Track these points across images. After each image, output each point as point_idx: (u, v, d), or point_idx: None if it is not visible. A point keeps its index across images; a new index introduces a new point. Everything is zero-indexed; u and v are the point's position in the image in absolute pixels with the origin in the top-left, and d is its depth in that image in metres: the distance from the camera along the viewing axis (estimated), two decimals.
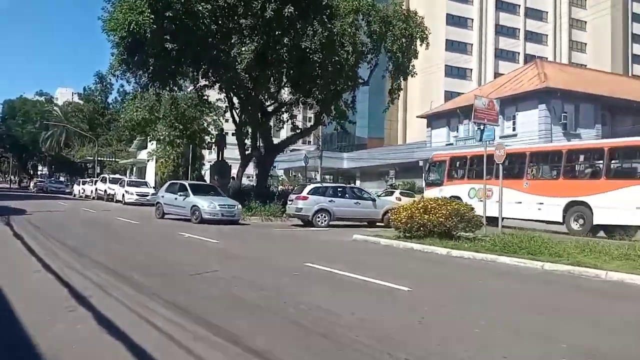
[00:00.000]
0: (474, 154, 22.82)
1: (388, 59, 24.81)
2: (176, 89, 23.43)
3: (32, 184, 57.90)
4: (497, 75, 65.79)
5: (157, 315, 5.49)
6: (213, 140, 36.66)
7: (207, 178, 35.89)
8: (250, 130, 25.11)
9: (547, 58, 70.96)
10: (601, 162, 16.83)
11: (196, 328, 5.03)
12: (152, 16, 17.97)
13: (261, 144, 25.02)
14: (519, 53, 71.43)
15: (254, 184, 25.52)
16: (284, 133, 62.60)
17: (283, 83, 24.66)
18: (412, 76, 25.95)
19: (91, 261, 8.94)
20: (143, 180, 33.66)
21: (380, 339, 4.79)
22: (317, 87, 22.41)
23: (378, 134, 76.99)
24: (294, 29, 19.08)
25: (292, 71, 22.02)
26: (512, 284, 8.25)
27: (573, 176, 17.92)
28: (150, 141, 35.57)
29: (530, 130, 36.67)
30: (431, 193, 20.71)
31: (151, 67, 20.09)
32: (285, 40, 18.92)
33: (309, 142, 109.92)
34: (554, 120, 36.95)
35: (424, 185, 25.95)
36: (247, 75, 22.29)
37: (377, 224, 18.85)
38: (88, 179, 43.00)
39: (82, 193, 40.47)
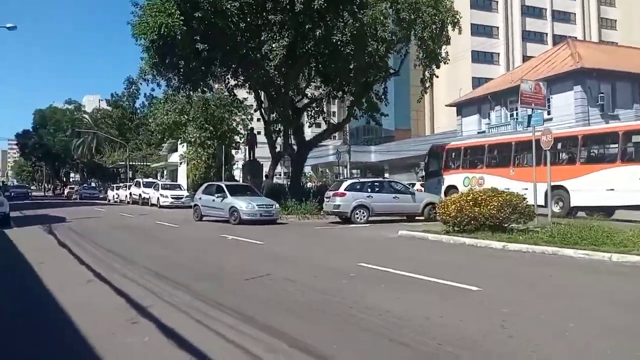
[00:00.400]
0: (467, 145, 24.55)
1: (418, 47, 24.22)
2: (206, 90, 23.36)
3: (66, 191, 59.03)
4: (525, 58, 64.25)
5: (222, 324, 5.28)
6: (242, 140, 36.72)
7: (239, 178, 35.92)
8: (282, 127, 24.86)
9: (576, 37, 68.84)
10: (575, 148, 18.55)
11: (266, 337, 4.81)
12: (182, 17, 17.84)
13: (293, 141, 24.77)
14: (546, 34, 69.60)
15: (288, 182, 25.28)
16: (309, 130, 62.14)
17: (312, 77, 24.32)
18: (445, 63, 25.33)
19: (141, 268, 8.83)
20: (176, 183, 33.80)
21: (465, 346, 4.45)
22: (349, 80, 22.02)
23: (405, 125, 76.18)
24: (324, 22, 18.72)
25: (321, 65, 21.68)
26: (584, 277, 7.78)
27: (552, 163, 18.23)
28: (180, 144, 35.75)
29: (566, 113, 35.42)
30: (430, 183, 23.91)
31: (182, 69, 19.98)
32: (316, 34, 18.54)
33: (334, 137, 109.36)
34: (591, 101, 35.72)
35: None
36: (276, 72, 22.13)
37: (417, 217, 18.42)
38: (122, 184, 43.54)
39: (117, 198, 40.99)
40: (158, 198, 31.04)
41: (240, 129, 36.59)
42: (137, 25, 19.25)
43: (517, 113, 41.85)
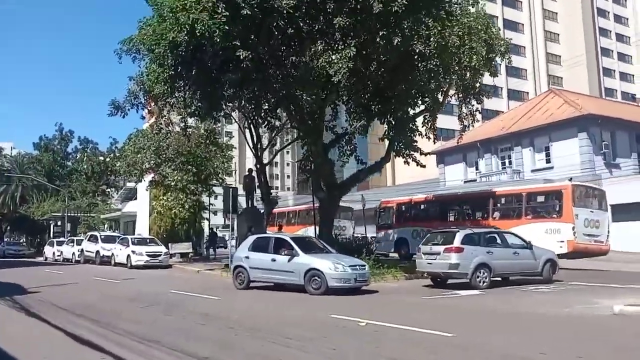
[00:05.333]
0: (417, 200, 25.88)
1: (458, 78, 20.66)
2: (225, 115, 18.48)
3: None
4: (482, 111, 64.15)
5: None
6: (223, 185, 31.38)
7: (219, 231, 30.42)
8: (313, 166, 20.08)
9: (525, 70, 71.12)
10: None
11: None
12: (226, 13, 13.23)
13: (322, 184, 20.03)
14: (501, 88, 70.52)
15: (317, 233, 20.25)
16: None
17: (348, 105, 20.09)
18: (488, 98, 22.05)
19: None
20: (149, 237, 27.48)
21: None
22: (402, 107, 18.10)
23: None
24: (400, 28, 14.62)
25: (377, 86, 17.56)
26: None
27: None
28: (149, 189, 29.79)
29: (569, 163, 33.31)
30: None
31: (211, 84, 15.16)
32: (394, 42, 14.36)
33: (288, 187, 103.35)
34: (595, 149, 34.13)
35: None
36: (312, 97, 17.86)
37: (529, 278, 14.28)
38: (65, 239, 36.04)
39: (59, 255, 33.46)
40: (128, 256, 24.57)
41: (219, 172, 31.27)
42: (154, 25, 14.52)
43: (510, 161, 39.93)
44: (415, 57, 15.51)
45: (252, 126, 24.37)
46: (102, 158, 60.09)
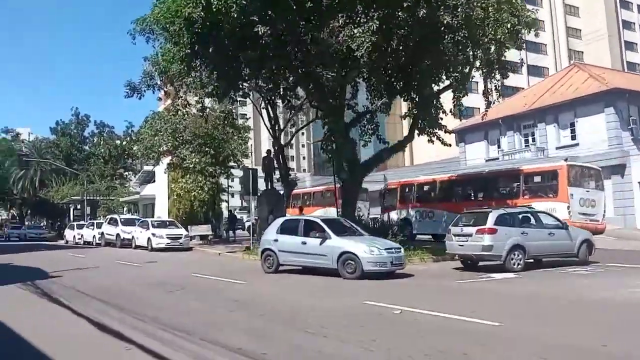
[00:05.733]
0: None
1: (483, 52, 19.79)
2: (244, 95, 18.00)
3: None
4: (500, 87, 62.76)
5: None
6: (240, 167, 31.07)
7: (238, 213, 30.15)
8: (334, 146, 19.57)
9: (545, 45, 69.18)
10: None
11: None
12: None
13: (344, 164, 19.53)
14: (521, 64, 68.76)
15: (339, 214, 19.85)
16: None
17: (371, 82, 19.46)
18: (514, 72, 21.20)
19: None
20: (169, 220, 27.38)
21: None
22: (427, 84, 17.47)
23: None
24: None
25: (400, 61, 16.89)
26: None
27: None
28: (167, 172, 29.58)
29: (596, 139, 32.37)
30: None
31: (229, 63, 14.69)
32: (419, 14, 13.72)
33: (303, 169, 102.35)
34: (622, 125, 33.00)
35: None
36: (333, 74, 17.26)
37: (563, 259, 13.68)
38: (85, 222, 36.16)
39: (80, 239, 33.60)
40: (149, 239, 24.48)
41: (237, 154, 30.87)
42: (169, 2, 14.05)
43: (533, 138, 38.87)
44: (442, 29, 14.81)
45: (269, 107, 24.00)
46: (119, 141, 60.16)
